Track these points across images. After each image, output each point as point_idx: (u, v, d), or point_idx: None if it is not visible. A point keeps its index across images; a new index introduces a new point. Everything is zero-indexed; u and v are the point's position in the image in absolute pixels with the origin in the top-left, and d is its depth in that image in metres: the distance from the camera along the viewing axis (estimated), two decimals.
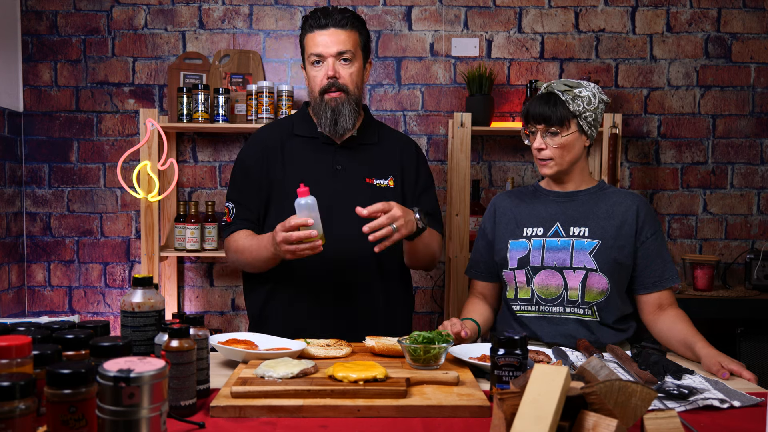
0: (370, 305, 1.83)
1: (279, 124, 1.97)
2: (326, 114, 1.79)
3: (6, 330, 1.15)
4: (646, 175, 3.14)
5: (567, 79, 1.73)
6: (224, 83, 3.01)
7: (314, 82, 1.80)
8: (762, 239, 3.15)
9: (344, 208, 1.70)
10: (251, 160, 1.88)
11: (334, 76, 1.77)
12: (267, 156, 1.87)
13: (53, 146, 3.09)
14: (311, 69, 1.80)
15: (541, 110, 1.67)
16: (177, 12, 3.07)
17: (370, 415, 1.16)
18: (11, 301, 2.99)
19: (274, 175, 1.85)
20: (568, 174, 1.75)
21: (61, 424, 0.85)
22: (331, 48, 1.76)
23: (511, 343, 1.22)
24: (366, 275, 1.82)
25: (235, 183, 1.90)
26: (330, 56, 1.76)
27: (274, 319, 1.85)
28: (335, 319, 1.80)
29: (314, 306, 1.81)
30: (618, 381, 0.90)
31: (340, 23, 1.76)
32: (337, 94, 1.78)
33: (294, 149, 1.87)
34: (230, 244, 1.86)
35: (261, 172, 1.86)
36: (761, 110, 3.13)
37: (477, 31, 3.10)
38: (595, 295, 1.67)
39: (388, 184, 1.86)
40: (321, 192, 1.76)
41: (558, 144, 1.68)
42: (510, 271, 1.74)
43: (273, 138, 1.90)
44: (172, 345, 1.12)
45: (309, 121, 1.90)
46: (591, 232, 1.69)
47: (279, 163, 1.86)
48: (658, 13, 3.10)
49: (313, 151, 1.86)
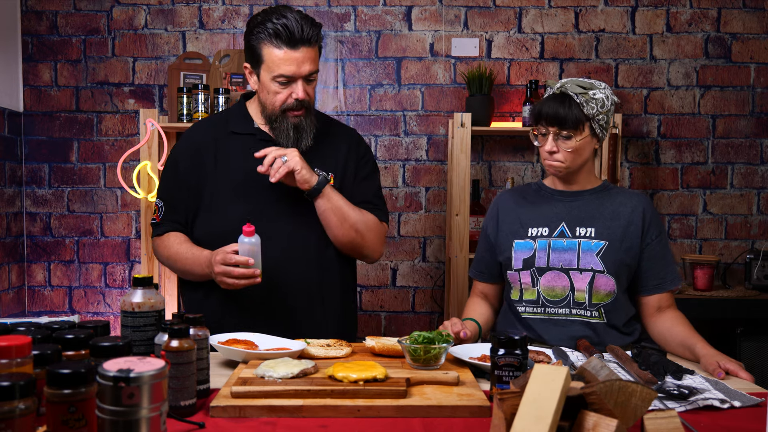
0: (301, 306, 1.77)
1: (213, 121, 1.89)
2: (288, 132, 1.73)
3: (6, 330, 1.15)
4: (646, 175, 3.14)
5: (580, 79, 1.68)
6: (224, 83, 3.01)
7: (275, 98, 1.70)
8: (762, 239, 3.15)
9: (279, 207, 1.66)
10: (181, 159, 1.80)
11: (304, 98, 1.70)
12: (198, 155, 1.79)
13: (53, 146, 3.09)
14: (272, 84, 1.69)
15: (555, 112, 1.62)
16: (177, 12, 3.07)
17: (370, 415, 1.16)
18: (11, 301, 2.99)
19: (205, 175, 1.77)
20: (577, 174, 1.73)
21: (61, 424, 0.85)
22: (302, 70, 1.67)
23: (511, 343, 1.22)
24: (298, 272, 1.76)
25: (165, 181, 1.83)
26: (299, 77, 1.68)
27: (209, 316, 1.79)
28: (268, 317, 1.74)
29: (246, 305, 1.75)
30: (618, 381, 0.90)
31: (311, 42, 1.67)
32: (300, 112, 1.73)
33: (228, 147, 1.80)
34: (160, 246, 1.80)
35: (191, 173, 1.78)
36: (761, 110, 3.13)
37: (477, 31, 3.10)
38: (603, 296, 1.65)
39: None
40: (253, 191, 1.72)
41: (571, 148, 1.64)
42: (515, 272, 1.72)
43: (206, 136, 1.82)
44: (172, 345, 1.12)
45: (246, 117, 1.82)
46: (597, 233, 1.67)
47: (211, 162, 1.78)
48: (658, 13, 3.10)
49: (248, 149, 1.74)
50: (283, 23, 1.64)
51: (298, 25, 1.64)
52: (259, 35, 1.68)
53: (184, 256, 1.74)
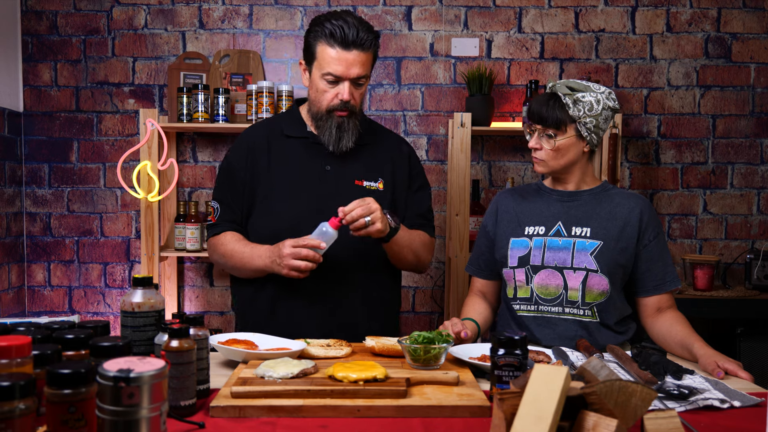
0: (352, 303, 1.81)
1: (267, 124, 1.94)
2: (331, 130, 1.77)
3: (6, 330, 1.15)
4: (646, 175, 3.14)
5: (574, 81, 1.70)
6: (224, 83, 3.02)
7: (323, 97, 1.76)
8: (762, 239, 3.15)
9: (331, 209, 1.68)
10: (237, 161, 1.85)
11: (348, 100, 1.74)
12: (253, 157, 1.84)
13: (53, 146, 3.09)
14: (321, 82, 1.75)
15: (539, 110, 1.67)
16: (177, 12, 3.07)
17: (370, 415, 1.16)
18: (11, 301, 2.99)
19: (258, 176, 1.82)
20: (565, 174, 1.74)
21: (61, 424, 0.85)
22: (350, 72, 1.71)
23: (511, 343, 1.22)
24: (350, 274, 1.80)
25: (221, 183, 1.88)
26: (348, 79, 1.72)
27: (259, 314, 1.83)
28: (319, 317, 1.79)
29: (298, 301, 1.79)
30: (618, 381, 0.90)
31: (363, 46, 1.71)
32: (344, 113, 1.76)
33: (282, 150, 1.85)
34: (216, 245, 1.83)
35: (246, 174, 1.83)
36: (761, 110, 3.13)
37: (477, 31, 3.10)
38: (596, 295, 1.66)
39: (377, 187, 1.84)
40: (309, 193, 1.76)
41: (552, 147, 1.67)
42: (510, 269, 1.73)
43: (260, 138, 1.87)
44: (172, 345, 1.12)
45: (300, 121, 1.88)
46: (593, 233, 1.68)
47: (264, 163, 1.83)
48: (658, 13, 3.10)
49: (302, 151, 1.83)
50: (340, 25, 1.70)
51: (354, 28, 1.70)
52: (316, 33, 1.73)
53: (241, 252, 1.77)
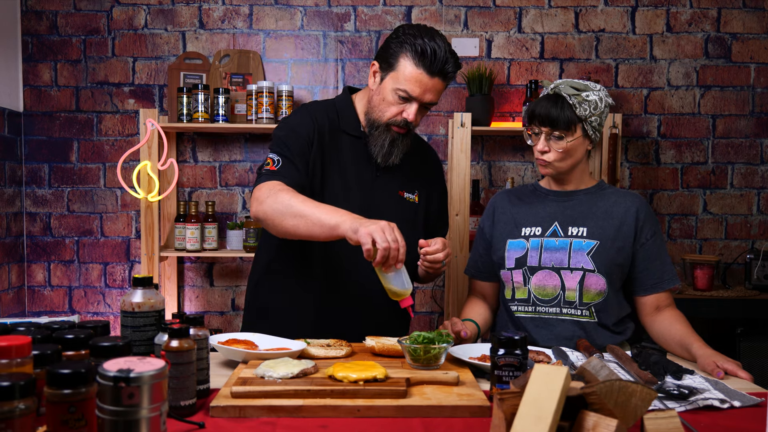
0: (374, 308, 1.79)
1: (325, 109, 1.83)
2: (383, 143, 1.74)
3: (6, 330, 1.15)
4: (646, 175, 3.14)
5: (574, 81, 1.70)
6: (224, 83, 3.02)
7: (388, 109, 1.70)
8: (762, 239, 3.15)
9: (375, 218, 1.62)
10: (304, 130, 1.74)
11: (412, 121, 1.71)
12: (319, 138, 1.75)
13: (53, 146, 3.09)
14: (391, 94, 1.68)
15: (547, 112, 1.64)
16: (177, 12, 3.07)
17: (370, 415, 1.16)
18: (11, 301, 2.99)
19: (315, 164, 1.73)
20: (569, 174, 1.74)
21: (61, 424, 0.85)
22: (425, 96, 1.68)
23: (511, 343, 1.22)
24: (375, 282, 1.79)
25: (284, 142, 1.71)
26: (419, 101, 1.68)
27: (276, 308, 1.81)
28: (338, 317, 1.79)
29: (321, 299, 1.77)
30: (618, 381, 0.90)
31: (447, 77, 1.68)
32: (403, 131, 1.74)
33: (336, 144, 1.79)
34: (279, 190, 1.58)
35: (312, 145, 1.73)
36: (761, 110, 3.13)
37: (477, 31, 3.10)
38: (593, 295, 1.66)
39: (414, 200, 1.83)
40: (359, 199, 1.73)
41: (562, 148, 1.65)
42: (507, 271, 1.73)
43: (323, 121, 1.78)
44: (172, 345, 1.12)
45: (354, 116, 1.81)
46: (589, 233, 1.68)
47: (319, 152, 1.75)
48: (658, 13, 3.10)
49: (355, 152, 1.79)
50: (433, 47, 1.64)
51: (445, 56, 1.65)
52: (404, 44, 1.66)
53: (314, 204, 1.57)
